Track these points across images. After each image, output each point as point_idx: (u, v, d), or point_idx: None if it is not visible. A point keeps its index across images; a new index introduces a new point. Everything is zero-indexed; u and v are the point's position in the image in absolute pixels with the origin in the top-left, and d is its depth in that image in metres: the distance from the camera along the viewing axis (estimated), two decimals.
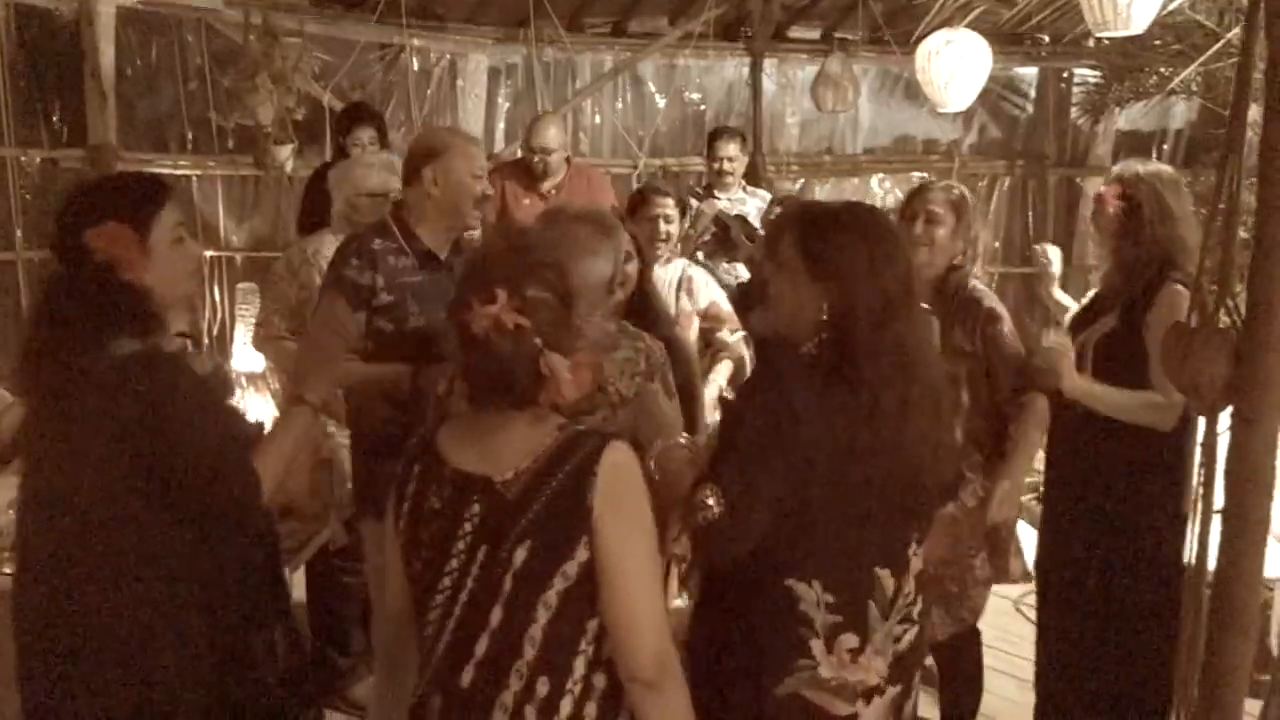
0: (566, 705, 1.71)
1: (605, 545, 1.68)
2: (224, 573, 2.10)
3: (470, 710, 1.71)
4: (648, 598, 1.72)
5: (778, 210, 4.74)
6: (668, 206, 4.17)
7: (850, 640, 1.93)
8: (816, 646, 1.92)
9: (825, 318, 1.94)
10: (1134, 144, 7.03)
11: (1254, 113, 5.00)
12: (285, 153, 5.22)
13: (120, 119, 5.31)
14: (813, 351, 1.95)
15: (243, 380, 5.94)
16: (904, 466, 1.94)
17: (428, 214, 2.95)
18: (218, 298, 5.90)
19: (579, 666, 1.71)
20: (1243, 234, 2.31)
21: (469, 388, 1.78)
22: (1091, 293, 3.41)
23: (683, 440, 2.23)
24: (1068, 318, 3.61)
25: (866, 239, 1.96)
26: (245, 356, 5.83)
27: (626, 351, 2.58)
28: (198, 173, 5.81)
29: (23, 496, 2.13)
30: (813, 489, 1.89)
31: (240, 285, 5.88)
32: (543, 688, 1.69)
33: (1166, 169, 3.23)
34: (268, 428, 2.43)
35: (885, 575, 1.98)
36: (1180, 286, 2.90)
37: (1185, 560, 2.24)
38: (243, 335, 5.86)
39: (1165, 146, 6.95)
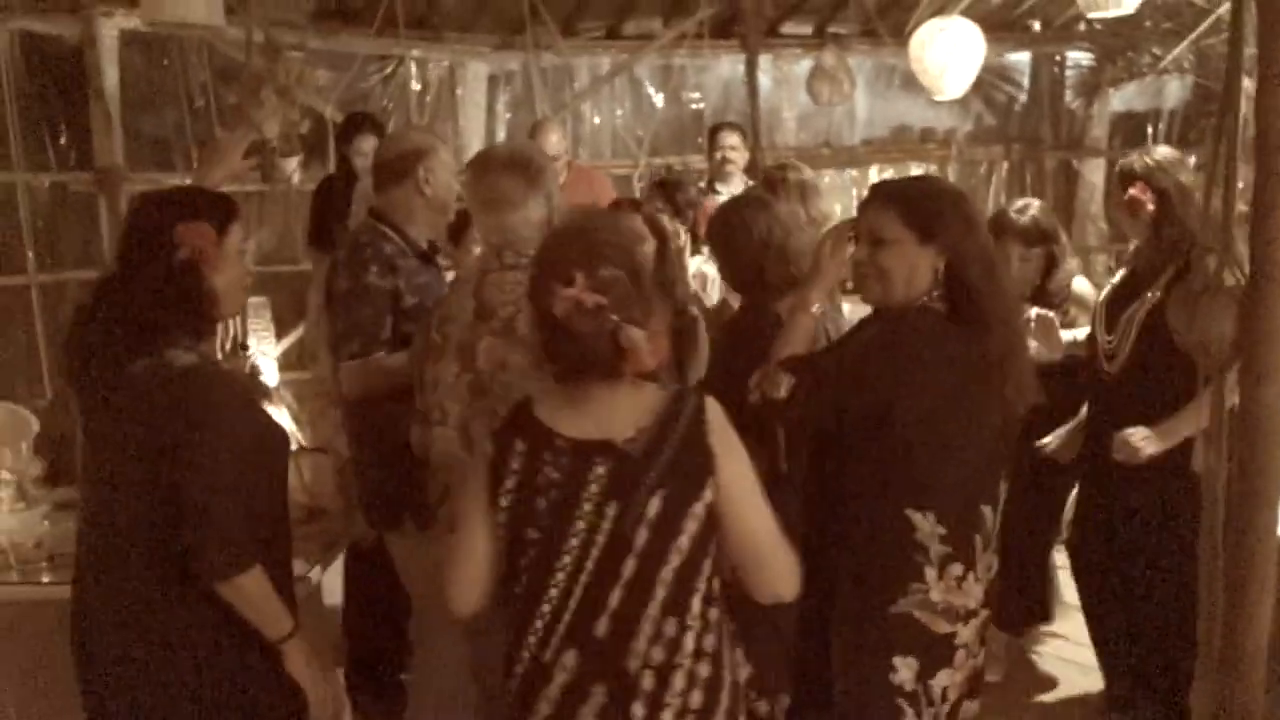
0: (689, 640, 1.83)
1: (728, 482, 1.82)
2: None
3: (607, 659, 1.81)
4: (772, 521, 1.86)
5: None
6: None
7: (957, 569, 2.15)
8: (930, 573, 2.13)
9: (939, 275, 2.15)
10: (1129, 125, 7.09)
11: (1247, 85, 5.07)
12: (292, 165, 5.26)
13: (126, 140, 5.36)
14: (926, 304, 2.16)
15: None
16: (1006, 408, 2.16)
17: (416, 214, 2.99)
18: None
19: (696, 604, 1.84)
20: (1242, 207, 2.37)
21: (554, 366, 1.87)
22: (1120, 274, 3.49)
23: None
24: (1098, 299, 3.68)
25: (957, 200, 2.21)
26: (260, 370, 5.87)
27: None
28: None
29: (81, 501, 2.19)
30: (936, 429, 2.11)
31: (251, 300, 5.92)
32: (670, 629, 1.82)
33: (1169, 150, 3.38)
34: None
35: (988, 511, 2.20)
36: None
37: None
38: (255, 349, 5.91)
39: (1160, 126, 6.99)
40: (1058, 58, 6.95)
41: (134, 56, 5.49)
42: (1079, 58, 6.71)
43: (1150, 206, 3.18)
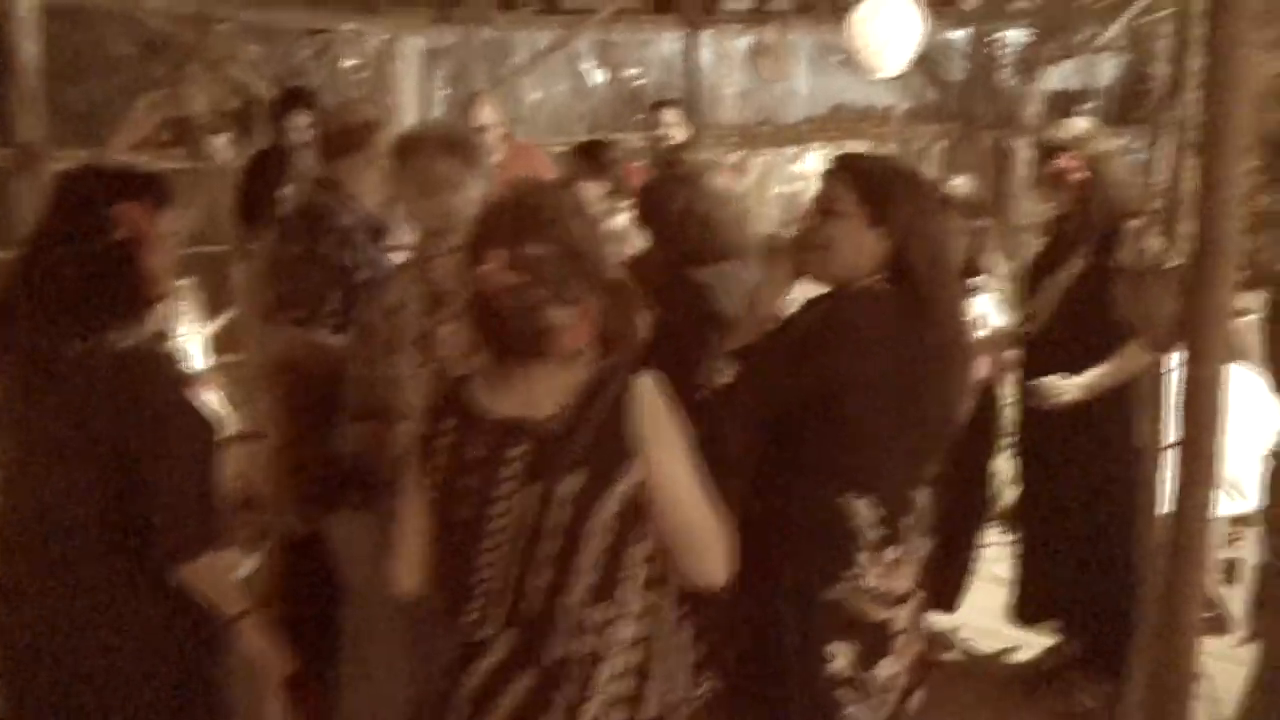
0: (621, 627, 1.79)
1: (657, 464, 1.76)
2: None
3: (535, 642, 1.77)
4: (704, 504, 1.81)
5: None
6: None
7: (891, 554, 2.11)
8: (863, 559, 2.10)
9: (885, 259, 2.10)
10: (1063, 103, 7.15)
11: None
12: (221, 142, 5.14)
13: (49, 115, 5.17)
14: (872, 287, 2.11)
15: None
16: (946, 396, 2.14)
17: (368, 185, 2.94)
18: None
19: (628, 589, 1.79)
20: None
21: (481, 343, 1.82)
22: (1041, 242, 3.55)
23: None
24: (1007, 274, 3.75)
25: (918, 189, 2.16)
26: (188, 354, 5.73)
27: None
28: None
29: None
30: (878, 415, 2.07)
31: (179, 281, 5.77)
32: (598, 614, 1.77)
33: (1087, 122, 3.43)
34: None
35: (922, 495, 2.18)
36: (1137, 222, 3.07)
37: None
38: (183, 332, 5.76)
39: (1093, 104, 7.07)
40: (994, 36, 6.99)
41: (54, 28, 5.28)
42: (1015, 36, 6.75)
43: (1078, 175, 3.20)
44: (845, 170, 2.20)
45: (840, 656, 2.11)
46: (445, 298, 2.41)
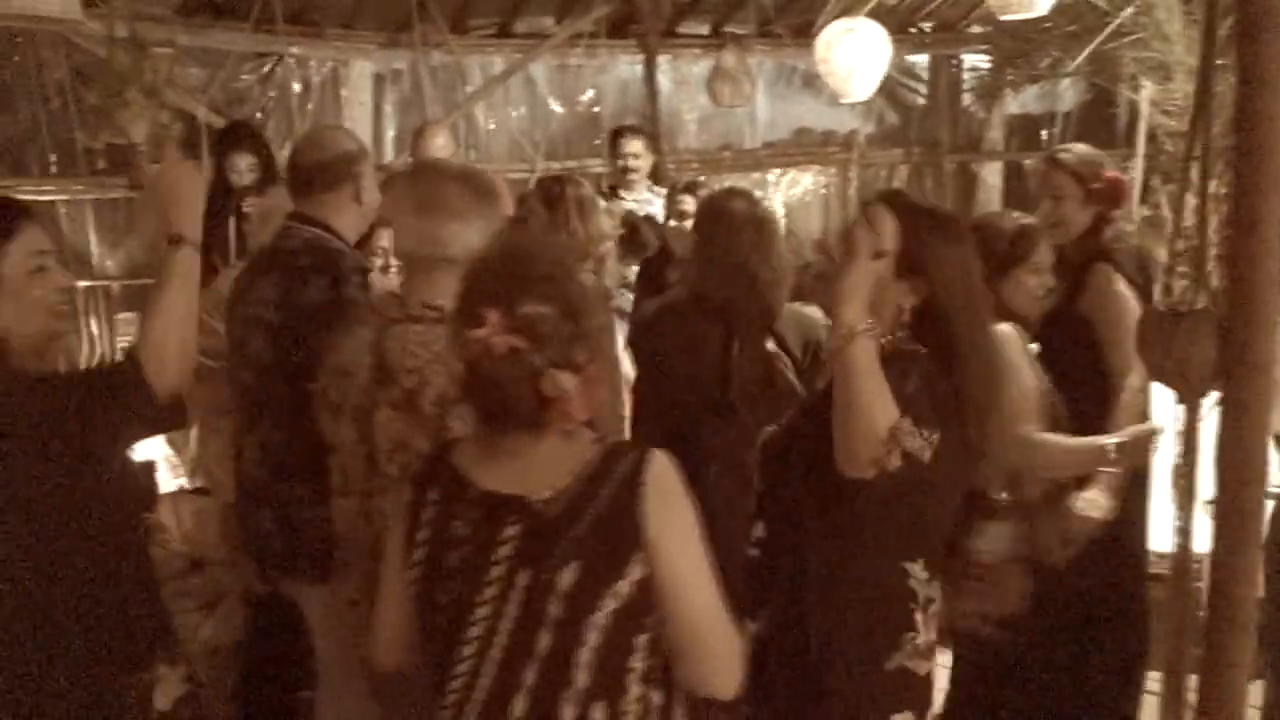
0: None
1: (667, 562, 1.59)
2: (86, 600, 1.89)
3: None
4: (717, 606, 1.64)
5: (683, 198, 4.64)
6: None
7: (935, 606, 2.00)
8: (919, 618, 1.98)
9: (907, 316, 1.93)
10: (1025, 127, 7.12)
11: (1151, 91, 4.98)
12: None
13: None
14: (904, 346, 1.94)
15: None
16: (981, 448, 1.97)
17: (352, 222, 2.67)
18: (95, 331, 5.51)
19: (633, 686, 1.62)
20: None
21: (474, 410, 1.65)
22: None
23: None
24: None
25: (959, 242, 1.97)
26: None
27: None
28: (64, 197, 5.41)
29: None
30: (943, 482, 1.93)
31: (120, 316, 5.52)
32: (598, 714, 1.59)
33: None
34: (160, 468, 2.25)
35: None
36: (1107, 265, 2.90)
37: (1171, 551, 2.20)
38: None
39: (1055, 129, 7.03)
40: (955, 61, 6.94)
41: None
42: (976, 60, 6.70)
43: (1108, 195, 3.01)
44: (893, 210, 2.02)
45: None
46: (391, 376, 2.12)
